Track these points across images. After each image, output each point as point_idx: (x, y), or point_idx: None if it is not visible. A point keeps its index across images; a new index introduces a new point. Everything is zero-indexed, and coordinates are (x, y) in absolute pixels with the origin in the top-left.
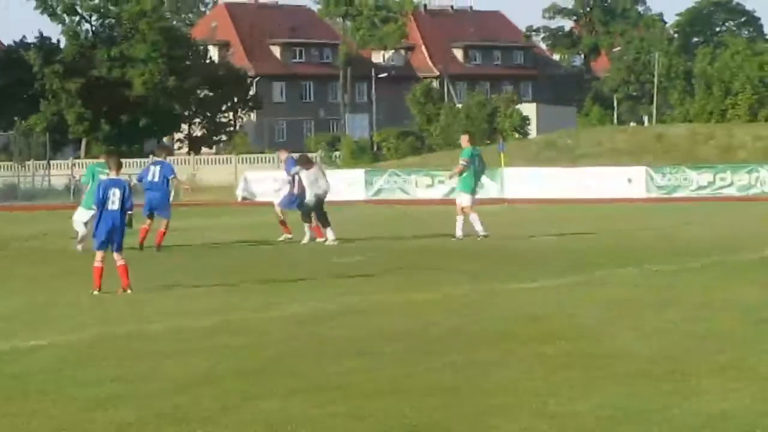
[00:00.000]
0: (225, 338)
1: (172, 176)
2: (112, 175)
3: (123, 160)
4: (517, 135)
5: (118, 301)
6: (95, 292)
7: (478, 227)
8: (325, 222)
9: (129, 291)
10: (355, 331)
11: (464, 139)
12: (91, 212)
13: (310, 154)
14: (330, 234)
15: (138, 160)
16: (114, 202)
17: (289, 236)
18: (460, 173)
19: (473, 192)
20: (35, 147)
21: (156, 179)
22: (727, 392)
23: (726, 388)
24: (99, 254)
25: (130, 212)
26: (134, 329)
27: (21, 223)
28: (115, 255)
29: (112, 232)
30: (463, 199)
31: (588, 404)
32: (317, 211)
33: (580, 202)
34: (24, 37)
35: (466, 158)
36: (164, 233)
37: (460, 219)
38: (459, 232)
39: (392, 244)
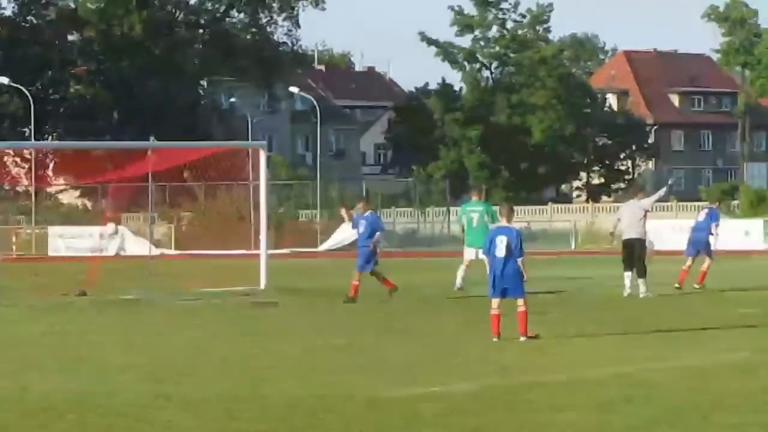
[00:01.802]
0: (616, 390)
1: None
2: (503, 223)
3: (522, 207)
4: None
5: (517, 349)
6: (494, 339)
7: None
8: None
9: (525, 338)
10: (746, 385)
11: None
12: (473, 249)
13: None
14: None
15: (536, 207)
16: (501, 249)
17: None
18: None
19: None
20: (435, 193)
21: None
22: None
23: None
24: (494, 302)
25: (519, 259)
26: (529, 379)
27: (421, 270)
28: (518, 300)
29: (501, 279)
30: None
31: None
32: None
33: None
34: (427, 83)
35: None
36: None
37: None
38: None
39: None
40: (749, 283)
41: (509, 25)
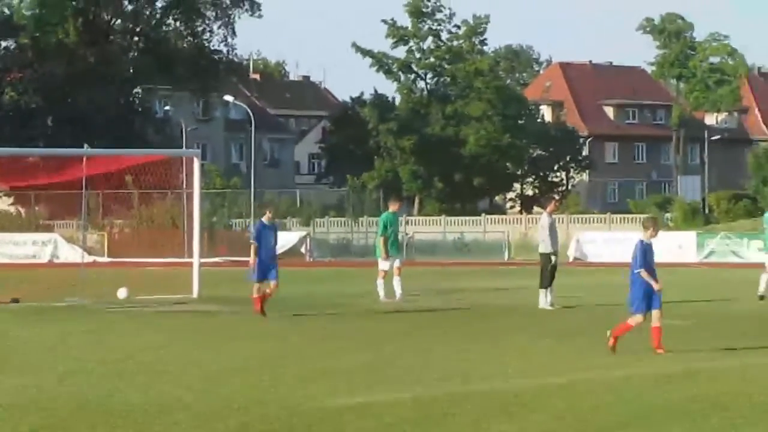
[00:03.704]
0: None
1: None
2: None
3: (456, 218)
4: None
5: (446, 358)
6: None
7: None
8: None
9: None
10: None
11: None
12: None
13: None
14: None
15: (470, 218)
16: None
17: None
18: None
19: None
20: (368, 203)
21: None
22: None
23: None
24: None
25: (637, 271)
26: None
27: (353, 280)
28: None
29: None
30: None
31: None
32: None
33: None
34: (362, 93)
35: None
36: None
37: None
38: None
39: (721, 308)
40: (681, 296)
41: (444, 36)
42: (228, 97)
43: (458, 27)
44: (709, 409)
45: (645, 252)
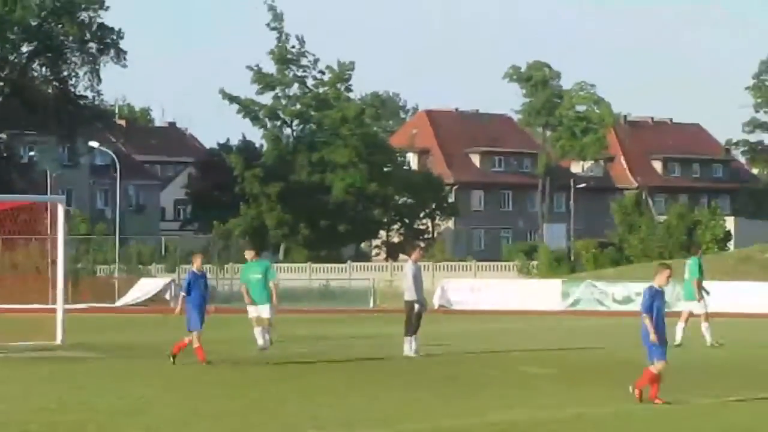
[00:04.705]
0: None
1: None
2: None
3: (322, 265)
4: (716, 249)
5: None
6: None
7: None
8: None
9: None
10: None
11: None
12: (255, 307)
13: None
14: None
15: (337, 265)
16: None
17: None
18: None
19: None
20: (234, 250)
21: None
22: None
23: None
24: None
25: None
26: None
27: (217, 326)
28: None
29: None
30: None
31: None
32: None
33: None
34: (228, 139)
35: None
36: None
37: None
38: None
39: (584, 356)
40: (544, 344)
41: (310, 82)
42: (93, 143)
43: (323, 73)
44: None
45: (652, 298)
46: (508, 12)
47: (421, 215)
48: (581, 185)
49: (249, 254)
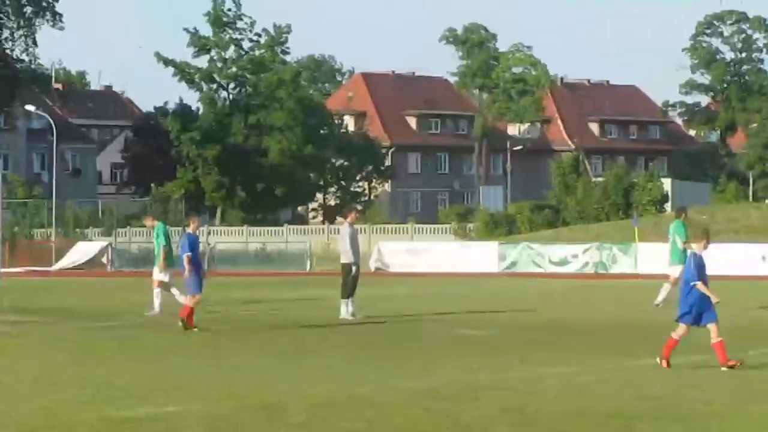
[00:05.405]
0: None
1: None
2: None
3: (258, 228)
4: (653, 210)
5: (245, 373)
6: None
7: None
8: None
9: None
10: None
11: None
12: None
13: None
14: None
15: (273, 228)
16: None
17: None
18: None
19: None
20: (171, 213)
21: None
22: None
23: None
24: (682, 328)
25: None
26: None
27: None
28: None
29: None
30: None
31: None
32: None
33: (712, 278)
34: (166, 103)
35: None
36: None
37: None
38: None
39: (519, 318)
40: (482, 306)
41: (246, 45)
42: (30, 107)
43: (259, 36)
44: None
45: (699, 265)
46: None
47: (358, 178)
48: (518, 147)
49: (147, 221)
